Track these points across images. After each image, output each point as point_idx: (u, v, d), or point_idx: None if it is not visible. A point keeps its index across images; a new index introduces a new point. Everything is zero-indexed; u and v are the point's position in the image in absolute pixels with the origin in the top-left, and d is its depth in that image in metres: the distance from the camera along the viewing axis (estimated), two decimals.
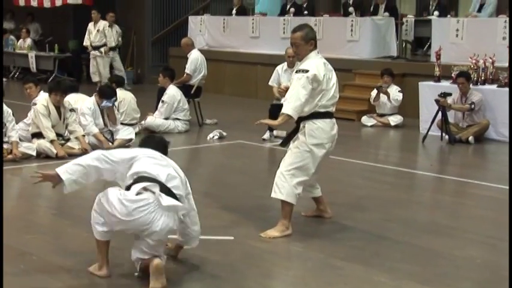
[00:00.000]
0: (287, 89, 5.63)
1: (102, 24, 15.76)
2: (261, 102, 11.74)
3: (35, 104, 8.76)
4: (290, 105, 5.38)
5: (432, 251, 5.34)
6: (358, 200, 6.84)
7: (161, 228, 4.36)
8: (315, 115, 5.54)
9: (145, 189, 4.41)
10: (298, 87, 5.40)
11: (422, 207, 6.85)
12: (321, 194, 6.07)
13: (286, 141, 5.69)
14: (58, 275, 4.67)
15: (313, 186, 5.96)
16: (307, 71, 5.42)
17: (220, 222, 5.91)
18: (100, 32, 15.72)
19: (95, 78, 15.70)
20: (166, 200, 4.37)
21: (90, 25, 15.88)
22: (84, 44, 16.07)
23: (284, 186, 5.52)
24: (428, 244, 5.49)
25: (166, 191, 4.43)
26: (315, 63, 5.52)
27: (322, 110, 5.56)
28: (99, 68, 15.72)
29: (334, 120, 5.69)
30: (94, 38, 15.77)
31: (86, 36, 15.90)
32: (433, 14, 13.52)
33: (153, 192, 4.38)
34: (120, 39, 16.26)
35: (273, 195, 5.60)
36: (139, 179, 4.46)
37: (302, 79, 5.40)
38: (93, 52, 15.83)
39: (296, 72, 5.50)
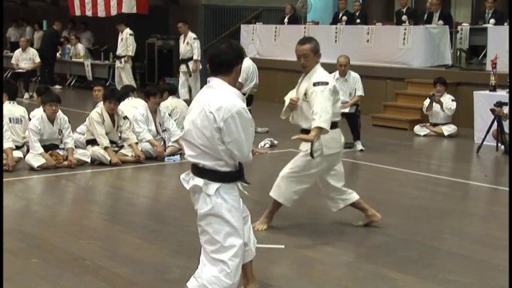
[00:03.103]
0: (298, 100, 5.65)
1: (125, 33, 15.31)
2: None
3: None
4: (322, 118, 5.37)
5: (487, 263, 5.23)
6: (410, 211, 6.75)
7: None
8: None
9: None
10: (324, 99, 5.42)
11: (476, 219, 6.73)
12: (357, 196, 5.95)
13: (312, 153, 5.65)
14: (112, 281, 4.72)
15: (345, 192, 5.91)
16: (327, 83, 5.49)
17: (271, 230, 5.91)
18: (123, 41, 15.30)
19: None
20: None
21: (120, 33, 15.50)
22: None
23: (285, 189, 5.78)
24: (483, 256, 5.39)
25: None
26: (327, 74, 5.64)
27: (334, 120, 5.61)
28: (122, 79, 15.23)
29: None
30: (118, 47, 15.46)
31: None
32: (489, 22, 13.28)
33: None
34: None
35: (272, 194, 5.84)
36: None
37: (325, 91, 5.44)
38: (116, 62, 15.57)
39: (315, 85, 5.48)
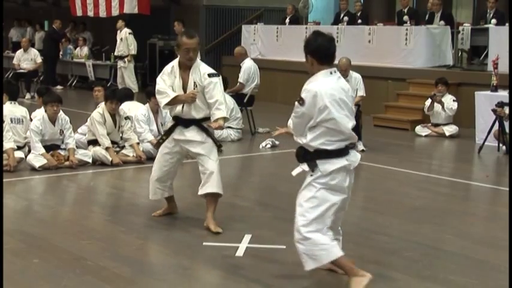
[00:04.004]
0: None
1: (124, 32, 15.08)
2: None
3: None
4: (226, 108, 5.78)
5: (488, 263, 5.23)
6: (412, 211, 6.75)
7: None
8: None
9: None
10: (222, 90, 5.87)
11: (477, 219, 6.72)
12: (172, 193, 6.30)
13: (216, 141, 6.00)
14: (113, 281, 4.72)
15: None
16: (219, 74, 5.87)
17: (272, 231, 5.90)
18: (123, 41, 15.08)
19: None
20: None
21: (118, 33, 15.34)
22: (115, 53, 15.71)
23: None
24: (484, 256, 5.38)
25: None
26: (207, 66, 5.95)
27: None
28: (124, 79, 15.03)
29: None
30: (118, 47, 15.25)
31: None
32: (490, 22, 13.27)
33: None
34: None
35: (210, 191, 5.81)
36: None
37: (220, 82, 5.85)
38: (118, 62, 15.35)
39: (210, 76, 5.77)
